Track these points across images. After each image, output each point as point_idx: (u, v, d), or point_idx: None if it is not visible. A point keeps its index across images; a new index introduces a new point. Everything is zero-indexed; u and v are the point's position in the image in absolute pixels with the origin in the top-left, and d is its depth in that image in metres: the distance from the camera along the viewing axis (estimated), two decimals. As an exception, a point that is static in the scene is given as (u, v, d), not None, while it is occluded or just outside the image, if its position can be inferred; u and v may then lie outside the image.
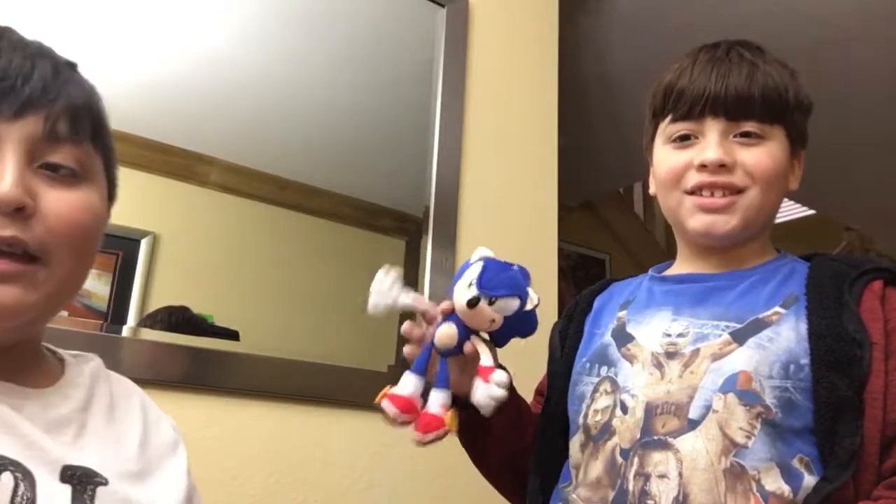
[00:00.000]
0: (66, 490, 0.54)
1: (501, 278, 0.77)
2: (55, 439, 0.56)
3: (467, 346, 0.78)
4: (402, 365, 0.80)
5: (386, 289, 0.79)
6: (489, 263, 0.78)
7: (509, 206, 1.58)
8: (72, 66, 0.62)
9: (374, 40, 1.49)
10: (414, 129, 1.50)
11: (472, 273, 0.77)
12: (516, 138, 1.64)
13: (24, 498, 0.51)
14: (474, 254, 0.81)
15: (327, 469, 1.24)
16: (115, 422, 0.63)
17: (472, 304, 0.75)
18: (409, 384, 0.78)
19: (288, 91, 1.36)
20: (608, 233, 4.20)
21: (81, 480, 0.55)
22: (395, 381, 0.79)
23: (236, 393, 1.17)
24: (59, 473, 0.54)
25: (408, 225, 1.45)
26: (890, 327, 0.75)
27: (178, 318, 1.16)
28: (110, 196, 0.65)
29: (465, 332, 0.78)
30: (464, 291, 0.76)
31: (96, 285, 1.12)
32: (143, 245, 1.17)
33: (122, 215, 0.74)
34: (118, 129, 0.67)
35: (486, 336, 0.80)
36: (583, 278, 3.77)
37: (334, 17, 1.45)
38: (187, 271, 1.22)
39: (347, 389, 1.26)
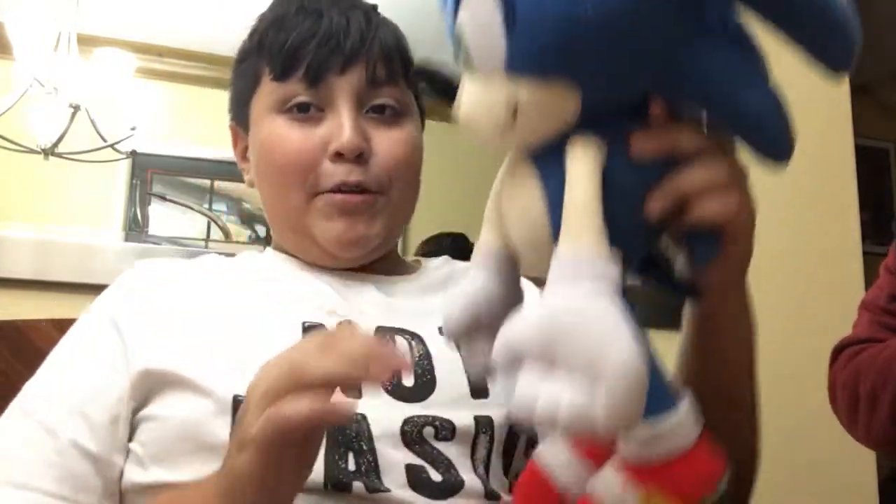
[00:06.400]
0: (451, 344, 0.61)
1: None
2: (425, 307, 0.64)
3: None
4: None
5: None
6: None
7: (787, 94, 1.40)
8: (375, 9, 0.68)
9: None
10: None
11: None
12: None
13: (419, 352, 0.61)
14: None
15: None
16: None
17: None
18: None
19: None
20: (890, 119, 3.59)
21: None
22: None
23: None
24: (437, 330, 0.60)
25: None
26: None
27: (461, 245, 1.24)
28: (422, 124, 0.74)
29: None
30: None
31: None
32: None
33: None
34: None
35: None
36: (864, 173, 3.26)
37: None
38: (443, 202, 1.31)
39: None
